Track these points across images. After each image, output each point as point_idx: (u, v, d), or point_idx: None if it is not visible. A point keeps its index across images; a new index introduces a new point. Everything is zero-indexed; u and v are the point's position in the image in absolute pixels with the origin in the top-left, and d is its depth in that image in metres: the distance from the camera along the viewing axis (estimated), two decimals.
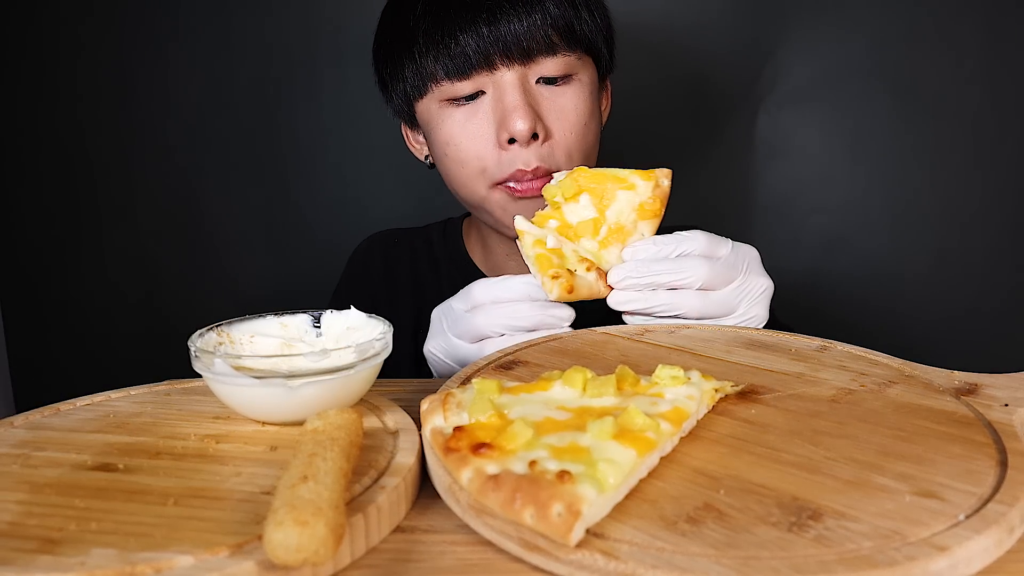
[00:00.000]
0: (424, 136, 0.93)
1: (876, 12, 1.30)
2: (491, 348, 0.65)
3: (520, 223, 0.70)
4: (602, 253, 0.68)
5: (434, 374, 0.74)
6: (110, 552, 0.36)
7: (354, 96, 1.41)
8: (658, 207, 0.69)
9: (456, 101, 0.84)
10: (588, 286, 0.66)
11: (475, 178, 0.85)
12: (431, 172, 0.97)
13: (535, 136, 0.81)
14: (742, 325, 0.68)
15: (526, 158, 0.81)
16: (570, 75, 0.84)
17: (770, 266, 0.73)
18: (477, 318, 0.66)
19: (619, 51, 0.94)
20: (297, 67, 1.41)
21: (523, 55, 0.81)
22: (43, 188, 1.50)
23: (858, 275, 1.40)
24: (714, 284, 0.67)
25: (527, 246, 0.68)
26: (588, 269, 0.66)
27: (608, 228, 0.69)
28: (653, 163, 0.97)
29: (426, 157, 0.96)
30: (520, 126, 0.79)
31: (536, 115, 0.81)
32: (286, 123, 1.44)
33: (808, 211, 1.39)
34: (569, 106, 0.84)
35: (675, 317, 0.68)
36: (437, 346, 0.71)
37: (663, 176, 0.71)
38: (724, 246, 0.69)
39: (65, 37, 1.43)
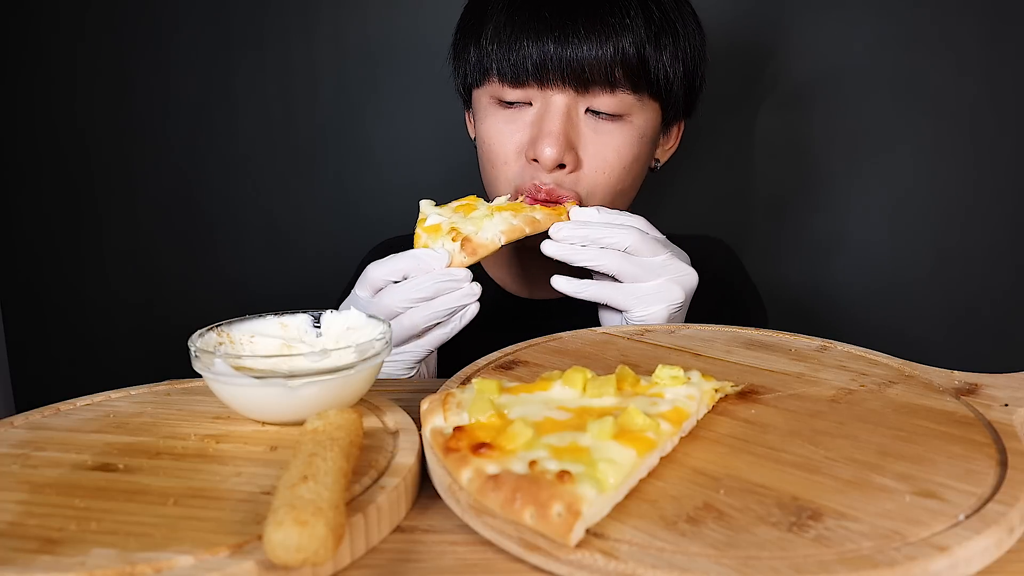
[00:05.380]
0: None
1: (876, 12, 1.30)
2: (406, 323, 0.69)
3: (426, 207, 0.77)
4: (489, 218, 0.73)
5: None
6: (110, 552, 0.36)
7: (355, 97, 1.41)
8: (560, 212, 0.76)
9: (502, 102, 0.84)
10: (453, 256, 0.71)
11: (500, 181, 0.86)
12: (431, 174, 0.97)
13: (563, 165, 0.80)
14: (662, 301, 0.72)
15: (545, 179, 0.81)
16: (623, 115, 0.82)
17: (770, 266, 0.73)
18: (383, 299, 0.70)
19: None
20: (298, 67, 1.41)
21: (579, 84, 0.79)
22: (43, 188, 1.50)
23: (858, 275, 1.40)
24: (640, 251, 0.72)
25: (420, 223, 0.75)
26: (454, 239, 0.71)
27: (509, 203, 0.78)
28: (653, 163, 0.97)
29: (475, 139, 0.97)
30: (547, 153, 0.78)
31: (569, 146, 0.80)
32: (287, 123, 1.44)
33: (808, 211, 1.39)
34: (611, 146, 0.82)
35: (602, 275, 0.74)
36: None
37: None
38: (658, 232, 0.75)
39: (65, 37, 1.43)
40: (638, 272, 0.72)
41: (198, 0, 1.40)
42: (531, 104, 0.82)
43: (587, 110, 0.81)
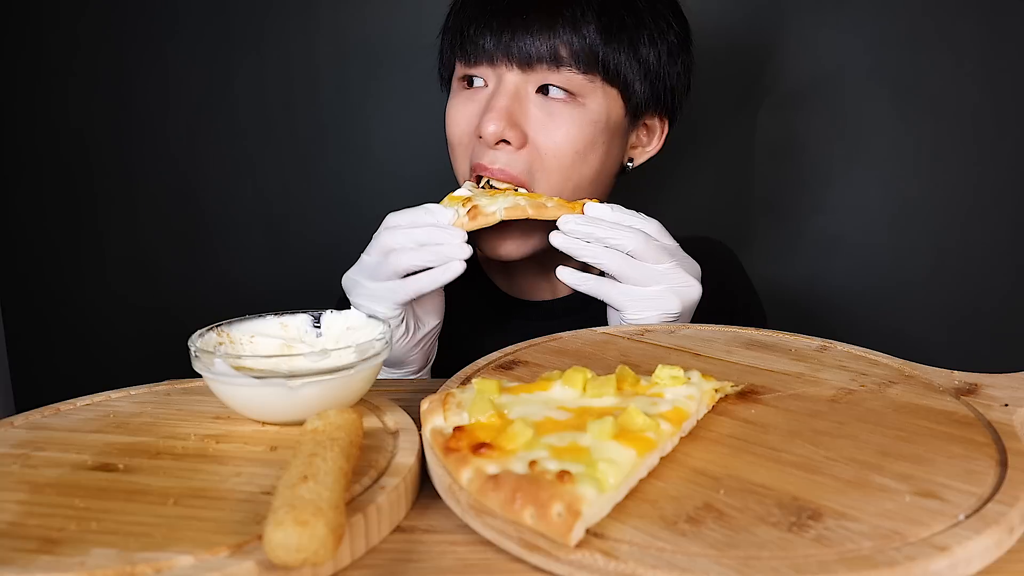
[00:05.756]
0: None
1: (876, 12, 1.30)
2: (393, 259, 0.72)
3: (465, 182, 0.83)
4: (504, 196, 0.77)
5: (351, 303, 0.78)
6: (110, 552, 0.36)
7: (355, 96, 1.41)
8: (573, 207, 0.76)
9: (464, 82, 0.86)
10: (459, 217, 0.75)
11: (459, 161, 0.88)
12: (431, 174, 0.98)
13: (508, 142, 0.81)
14: (657, 308, 0.73)
15: (492, 157, 0.82)
16: (575, 96, 0.82)
17: (770, 266, 0.73)
18: (382, 235, 0.75)
19: None
20: (298, 67, 1.41)
21: (524, 62, 0.81)
22: (43, 188, 1.50)
23: (858, 275, 1.40)
24: (643, 257, 0.72)
25: (451, 192, 0.80)
26: (464, 205, 0.75)
27: (527, 191, 0.81)
28: (652, 163, 0.97)
29: None
30: (489, 128, 0.80)
31: (512, 122, 0.81)
32: (287, 123, 1.44)
33: (808, 211, 1.39)
34: (561, 128, 0.82)
35: (600, 273, 0.76)
36: (352, 270, 0.77)
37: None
38: (670, 240, 0.75)
39: (64, 37, 1.43)
40: (638, 276, 0.73)
41: (198, 0, 1.40)
42: (487, 85, 0.84)
43: (539, 90, 0.82)
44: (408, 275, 0.74)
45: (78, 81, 1.45)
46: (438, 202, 0.78)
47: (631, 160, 0.93)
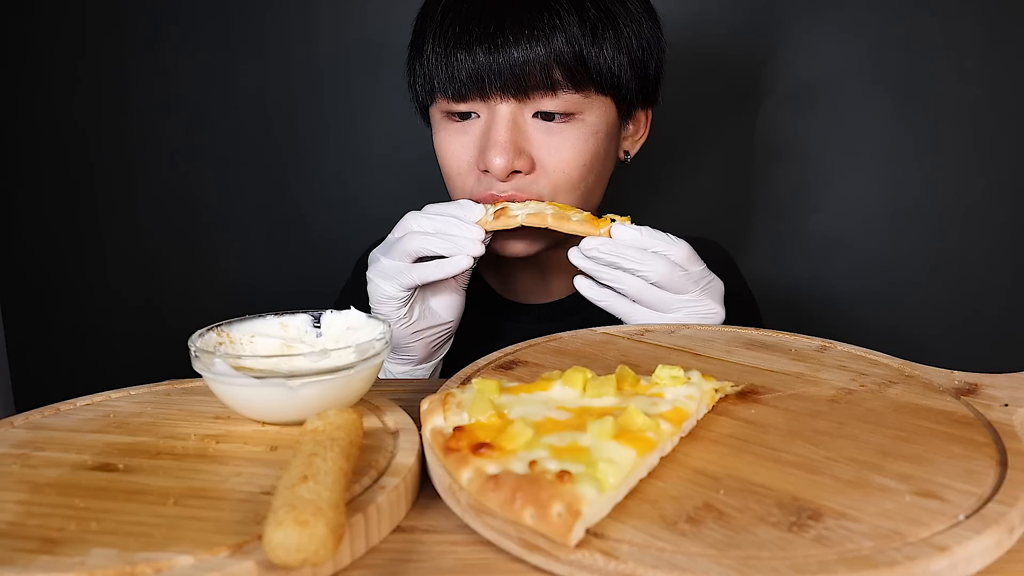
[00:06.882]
0: None
1: (876, 12, 1.30)
2: (407, 239, 0.73)
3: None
4: (538, 205, 0.77)
5: (368, 289, 0.77)
6: (110, 552, 0.36)
7: (355, 97, 1.41)
8: (598, 224, 0.73)
9: (452, 115, 0.83)
10: (486, 214, 0.76)
11: (455, 190, 0.86)
12: (432, 174, 0.97)
13: (518, 171, 0.80)
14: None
15: (502, 187, 0.81)
16: (572, 114, 0.81)
17: (770, 266, 0.73)
18: (407, 218, 0.75)
19: None
20: (298, 67, 1.41)
21: (518, 91, 0.78)
22: (43, 188, 1.50)
23: (858, 275, 1.40)
24: (667, 286, 0.70)
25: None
26: (495, 204, 0.76)
27: (556, 204, 0.78)
28: (652, 163, 0.97)
29: None
30: (497, 163, 0.78)
31: (519, 152, 0.79)
32: (286, 123, 1.44)
33: (808, 211, 1.39)
34: (566, 145, 0.81)
35: (616, 291, 0.73)
36: (378, 247, 0.78)
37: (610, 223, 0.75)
38: (698, 265, 0.72)
39: (65, 37, 1.43)
40: (659, 304, 0.71)
41: (198, 0, 1.40)
42: (479, 116, 0.82)
43: (535, 114, 0.80)
44: (420, 260, 0.74)
45: (78, 81, 1.45)
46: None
47: (627, 152, 0.93)
